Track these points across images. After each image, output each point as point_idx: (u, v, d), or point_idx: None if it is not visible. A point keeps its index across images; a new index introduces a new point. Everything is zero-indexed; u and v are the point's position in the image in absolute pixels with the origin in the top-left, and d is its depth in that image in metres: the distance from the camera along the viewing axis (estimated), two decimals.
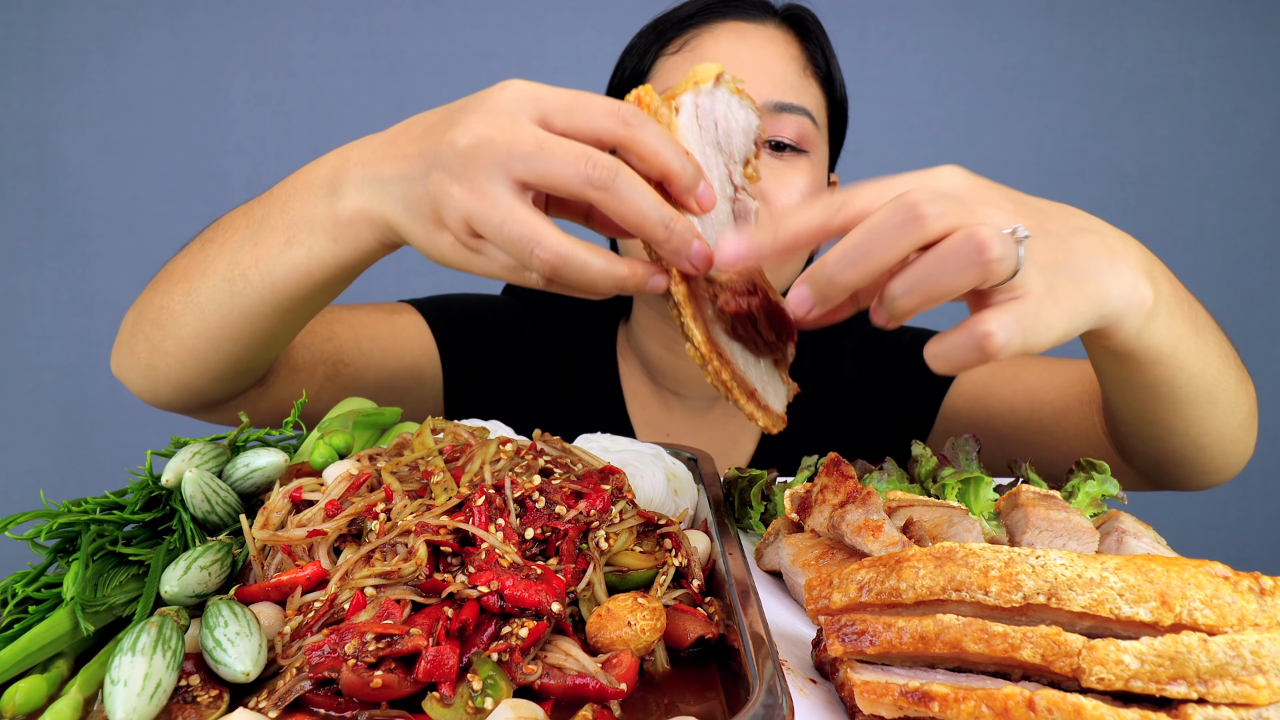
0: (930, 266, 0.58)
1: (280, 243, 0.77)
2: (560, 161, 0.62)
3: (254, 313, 0.82)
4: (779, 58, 1.19)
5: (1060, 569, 0.54)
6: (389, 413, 0.90)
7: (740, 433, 1.35)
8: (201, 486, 0.72)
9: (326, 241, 0.74)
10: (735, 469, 0.95)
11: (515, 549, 0.63)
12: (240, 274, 0.80)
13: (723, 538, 0.76)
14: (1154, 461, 0.98)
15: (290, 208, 0.77)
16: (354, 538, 0.66)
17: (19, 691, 0.54)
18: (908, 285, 0.60)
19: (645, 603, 0.62)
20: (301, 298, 0.80)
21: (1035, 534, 0.74)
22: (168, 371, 0.90)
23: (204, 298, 0.84)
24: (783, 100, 1.16)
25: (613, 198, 0.62)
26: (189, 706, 0.54)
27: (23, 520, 0.68)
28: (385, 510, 0.66)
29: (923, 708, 0.51)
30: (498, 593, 0.58)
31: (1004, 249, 0.57)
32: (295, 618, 0.60)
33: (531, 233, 0.62)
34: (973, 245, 0.56)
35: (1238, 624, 0.51)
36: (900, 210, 0.58)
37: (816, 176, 1.21)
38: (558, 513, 0.67)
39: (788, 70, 1.18)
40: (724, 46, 1.19)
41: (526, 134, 0.63)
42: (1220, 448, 0.92)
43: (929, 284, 0.59)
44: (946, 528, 0.75)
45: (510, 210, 0.63)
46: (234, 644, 0.55)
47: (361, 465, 0.73)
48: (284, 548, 0.66)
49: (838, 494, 0.77)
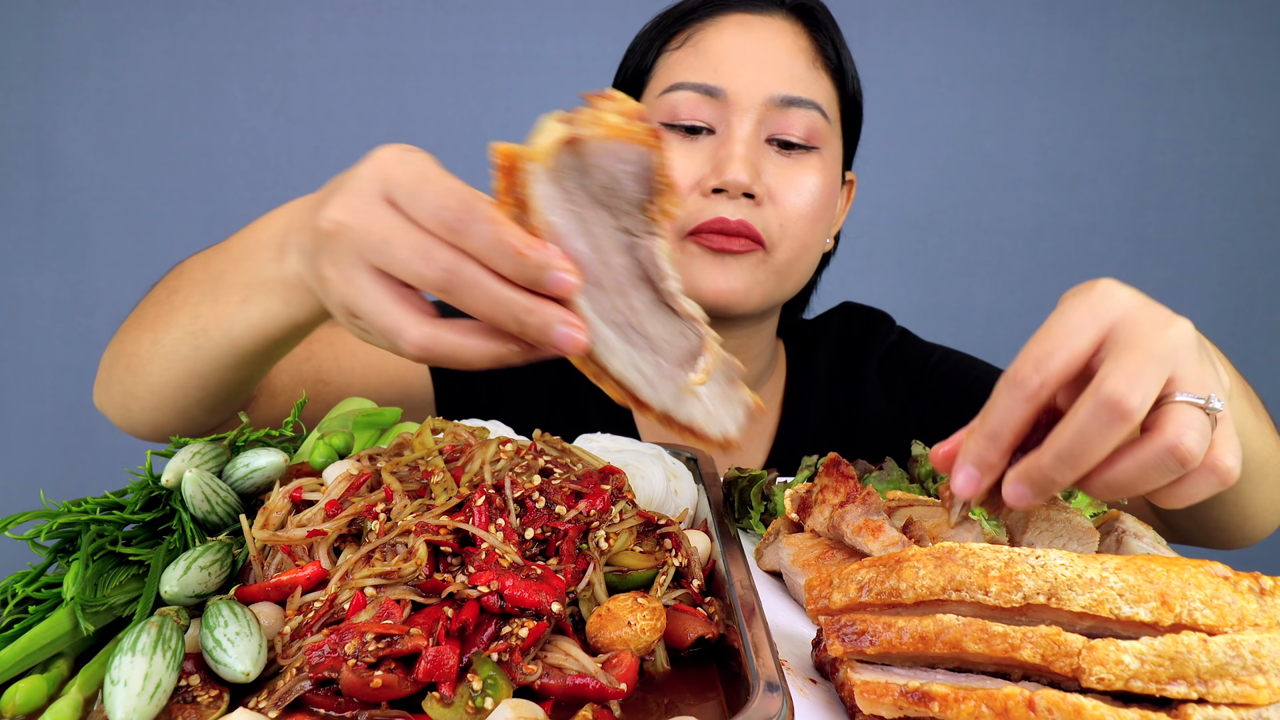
0: (1134, 474, 0.59)
1: (237, 301, 0.76)
2: (403, 259, 0.58)
3: (218, 364, 0.82)
4: (786, 50, 1.16)
5: (1060, 569, 0.54)
6: (389, 413, 0.90)
7: (750, 441, 1.35)
8: (201, 486, 0.72)
9: (280, 304, 0.73)
10: (735, 469, 0.95)
11: (515, 549, 0.63)
12: (201, 329, 0.80)
13: (723, 538, 0.76)
14: (1198, 525, 0.98)
15: (244, 267, 0.75)
16: (354, 538, 0.66)
17: (19, 691, 0.54)
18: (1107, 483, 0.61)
19: (645, 603, 0.62)
20: (262, 351, 0.80)
21: (1035, 534, 0.74)
22: (141, 413, 0.92)
23: (168, 349, 0.84)
24: (790, 94, 1.14)
25: (455, 299, 0.58)
26: (189, 706, 0.54)
27: (23, 520, 0.68)
28: (385, 510, 0.66)
29: (923, 708, 0.51)
30: (498, 593, 0.58)
31: (1200, 443, 0.58)
32: (295, 618, 0.60)
33: (394, 324, 0.59)
34: (1176, 459, 0.58)
35: (1238, 624, 0.51)
36: (1105, 411, 0.57)
37: (829, 174, 1.19)
38: (558, 513, 0.67)
39: (795, 63, 1.16)
40: (728, 40, 1.16)
41: (376, 222, 0.59)
42: (1263, 516, 0.93)
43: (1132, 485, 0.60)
44: (946, 528, 0.75)
45: (375, 300, 0.60)
46: (234, 644, 0.55)
47: (361, 465, 0.73)
48: (284, 548, 0.66)
49: (838, 494, 0.77)
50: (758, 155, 1.14)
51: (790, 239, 1.16)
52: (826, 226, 1.22)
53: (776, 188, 1.15)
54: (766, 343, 1.34)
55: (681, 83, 1.16)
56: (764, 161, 1.15)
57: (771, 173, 1.15)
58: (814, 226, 1.18)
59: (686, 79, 1.16)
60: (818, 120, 1.16)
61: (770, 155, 1.16)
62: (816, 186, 1.16)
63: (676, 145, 1.16)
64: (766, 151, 1.15)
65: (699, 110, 1.15)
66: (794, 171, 1.16)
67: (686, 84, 1.16)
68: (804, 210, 1.16)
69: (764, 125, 1.15)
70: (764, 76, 1.14)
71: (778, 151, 1.16)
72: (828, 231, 1.24)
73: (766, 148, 1.15)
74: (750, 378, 1.26)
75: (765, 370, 1.38)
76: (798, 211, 1.16)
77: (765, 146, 1.15)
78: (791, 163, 1.16)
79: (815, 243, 1.21)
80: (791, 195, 1.15)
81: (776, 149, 1.16)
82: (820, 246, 1.23)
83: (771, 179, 1.15)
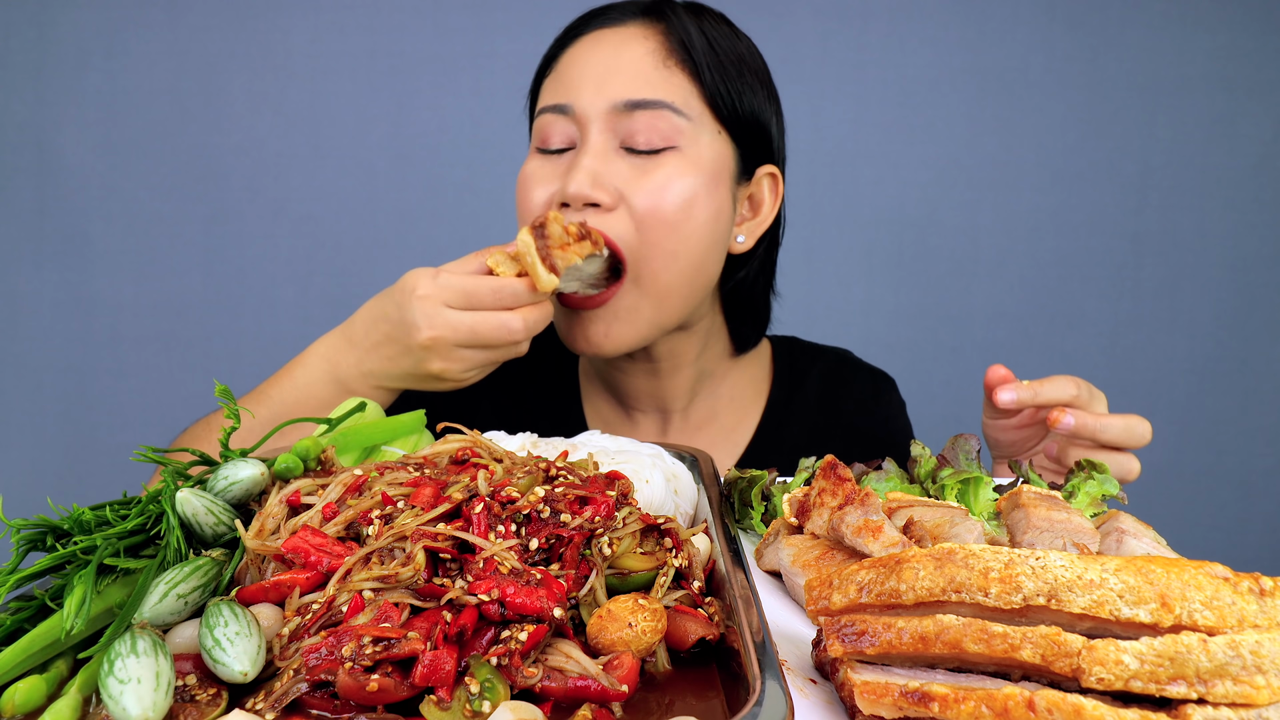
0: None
1: None
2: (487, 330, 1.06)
3: None
4: (631, 56, 1.14)
5: (1060, 570, 0.54)
6: (379, 430, 0.90)
7: (713, 445, 1.35)
8: (201, 502, 0.71)
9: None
10: (735, 470, 0.95)
11: (515, 555, 0.63)
12: None
13: (723, 538, 0.76)
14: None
15: (303, 406, 1.11)
16: (354, 540, 0.66)
17: (18, 692, 0.54)
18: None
19: (646, 604, 0.62)
20: None
21: (1036, 534, 0.74)
22: None
23: None
24: (632, 98, 1.12)
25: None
26: (189, 705, 0.54)
27: (18, 525, 0.68)
28: (382, 516, 0.66)
29: (923, 708, 0.51)
30: (499, 600, 0.58)
31: None
32: (294, 619, 0.60)
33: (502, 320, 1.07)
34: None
35: (1237, 625, 0.51)
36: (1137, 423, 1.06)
37: (695, 170, 1.13)
38: (563, 520, 0.67)
39: (640, 66, 1.13)
40: (580, 58, 1.16)
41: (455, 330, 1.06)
42: None
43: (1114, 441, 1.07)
44: (947, 528, 0.75)
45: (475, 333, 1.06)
46: (233, 644, 0.55)
47: (364, 467, 0.73)
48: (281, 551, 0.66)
49: (835, 496, 0.77)
50: (604, 165, 1.12)
51: (653, 247, 1.12)
52: (705, 226, 1.15)
53: (629, 194, 1.12)
54: (702, 342, 1.31)
55: (542, 107, 1.19)
56: (615, 168, 1.12)
57: (625, 178, 1.12)
58: (678, 229, 1.13)
59: (546, 102, 1.19)
60: (669, 118, 1.12)
61: (623, 162, 1.13)
62: (676, 186, 1.12)
63: (541, 166, 1.17)
64: (619, 159, 1.13)
65: (559, 131, 1.16)
66: (648, 175, 1.12)
67: (545, 107, 1.18)
68: (663, 213, 1.11)
69: (614, 133, 1.13)
70: (607, 85, 1.12)
71: (631, 158, 1.13)
72: (715, 231, 1.17)
73: (619, 155, 1.13)
74: (690, 380, 1.34)
75: (715, 365, 1.36)
76: (655, 216, 1.11)
77: (618, 154, 1.13)
78: (646, 167, 1.12)
79: (690, 247, 1.15)
80: (641, 196, 1.11)
81: (630, 156, 1.13)
82: (700, 247, 1.16)
83: (624, 185, 1.12)
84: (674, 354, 1.29)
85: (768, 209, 1.27)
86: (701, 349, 1.32)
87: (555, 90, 1.18)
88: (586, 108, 1.14)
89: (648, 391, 1.33)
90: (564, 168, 1.15)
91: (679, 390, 1.33)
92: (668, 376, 1.32)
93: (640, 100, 1.12)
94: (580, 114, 1.14)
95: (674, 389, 1.33)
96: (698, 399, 1.36)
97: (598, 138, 1.13)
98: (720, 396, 1.38)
